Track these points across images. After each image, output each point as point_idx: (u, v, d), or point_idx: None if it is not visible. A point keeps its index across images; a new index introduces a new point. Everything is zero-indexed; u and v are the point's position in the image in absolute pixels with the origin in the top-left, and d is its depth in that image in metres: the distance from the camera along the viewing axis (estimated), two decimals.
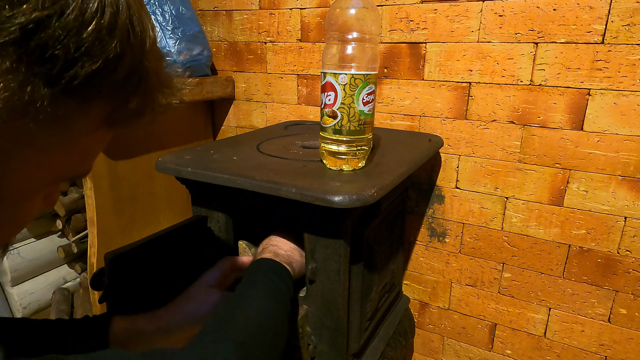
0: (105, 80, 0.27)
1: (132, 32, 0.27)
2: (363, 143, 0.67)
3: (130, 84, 0.29)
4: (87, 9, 0.24)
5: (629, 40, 0.79)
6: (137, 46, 0.28)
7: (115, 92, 0.29)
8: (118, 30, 0.26)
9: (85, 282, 1.53)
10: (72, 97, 0.26)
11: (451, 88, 0.98)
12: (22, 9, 0.22)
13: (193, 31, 1.14)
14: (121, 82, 0.28)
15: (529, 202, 0.95)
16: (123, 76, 0.28)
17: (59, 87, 0.25)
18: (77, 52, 0.24)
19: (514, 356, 1.06)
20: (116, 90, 0.29)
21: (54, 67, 0.24)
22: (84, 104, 0.27)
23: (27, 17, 0.22)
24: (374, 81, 0.65)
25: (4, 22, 0.22)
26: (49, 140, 0.28)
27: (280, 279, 0.60)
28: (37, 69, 0.24)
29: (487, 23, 0.91)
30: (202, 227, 0.74)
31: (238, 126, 1.34)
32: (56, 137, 0.28)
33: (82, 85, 0.26)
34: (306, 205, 0.60)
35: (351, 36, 0.62)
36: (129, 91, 0.30)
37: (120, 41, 0.26)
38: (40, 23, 0.23)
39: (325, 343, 0.73)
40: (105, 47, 0.26)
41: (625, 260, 0.88)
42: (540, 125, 0.90)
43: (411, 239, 1.11)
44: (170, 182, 1.16)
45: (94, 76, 0.26)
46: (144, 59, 0.29)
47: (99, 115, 0.30)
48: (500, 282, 1.03)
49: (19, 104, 0.24)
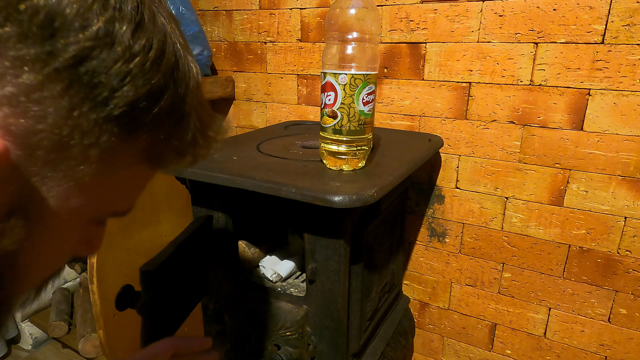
0: (147, 111, 0.28)
1: (176, 70, 0.29)
2: (363, 143, 0.67)
3: (172, 120, 0.30)
4: (136, 44, 0.26)
5: (629, 40, 0.79)
6: (181, 84, 0.29)
7: (157, 126, 0.29)
8: (163, 66, 0.28)
9: (85, 282, 1.53)
10: (116, 126, 0.27)
11: (451, 88, 0.98)
12: (78, 37, 0.24)
13: (193, 31, 1.14)
14: (164, 116, 0.29)
15: (529, 202, 0.95)
16: (165, 110, 0.29)
17: (104, 114, 0.26)
18: (122, 81, 0.26)
19: (514, 356, 1.06)
20: (158, 124, 0.29)
21: (100, 93, 0.25)
22: (127, 134, 0.28)
23: (81, 46, 0.24)
24: (374, 81, 0.65)
25: (61, 49, 0.24)
26: (90, 171, 0.28)
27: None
28: (85, 95, 0.25)
29: (487, 23, 0.91)
30: (209, 227, 0.74)
31: (238, 126, 1.34)
32: (97, 167, 0.28)
33: (125, 114, 0.27)
34: (306, 205, 0.60)
35: (351, 36, 0.62)
36: (171, 127, 0.30)
37: (164, 76, 0.28)
38: (92, 52, 0.25)
39: (325, 343, 0.73)
40: (150, 79, 0.27)
41: (625, 260, 0.88)
42: (540, 125, 0.90)
43: (411, 239, 1.11)
44: (170, 182, 1.16)
45: (137, 106, 0.27)
46: (187, 97, 0.30)
47: (141, 149, 0.30)
48: (500, 282, 1.03)
49: (66, 128, 0.25)
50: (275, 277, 0.80)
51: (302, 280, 0.81)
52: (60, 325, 1.39)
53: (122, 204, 0.34)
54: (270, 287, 0.79)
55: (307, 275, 0.70)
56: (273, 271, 0.80)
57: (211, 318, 0.85)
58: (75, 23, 0.24)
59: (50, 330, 1.39)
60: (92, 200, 0.30)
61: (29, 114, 0.24)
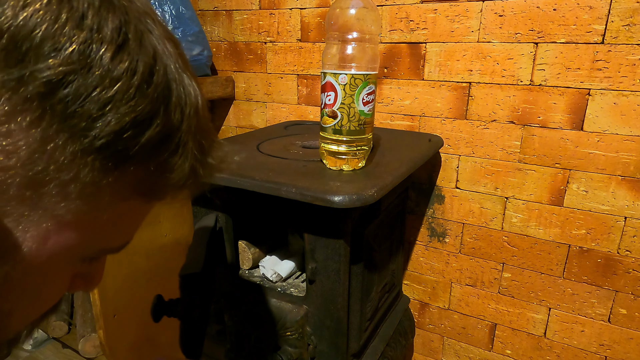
0: (134, 142, 0.25)
1: (168, 95, 0.26)
2: (363, 143, 0.67)
3: (164, 150, 0.27)
4: (117, 68, 0.23)
5: (629, 40, 0.79)
6: (174, 110, 0.26)
7: (147, 157, 0.26)
8: (151, 91, 0.25)
9: None
10: (98, 159, 0.24)
11: (451, 88, 0.98)
12: (48, 63, 0.22)
13: (193, 31, 1.14)
14: (154, 146, 0.26)
15: (529, 202, 0.95)
16: (156, 140, 0.26)
17: (83, 146, 0.23)
18: (103, 109, 0.23)
19: (514, 356, 1.06)
20: (148, 156, 0.26)
21: (77, 124, 0.23)
22: (111, 167, 0.25)
23: (53, 72, 0.22)
24: (374, 81, 0.65)
25: (31, 76, 0.21)
26: (72, 208, 0.25)
27: None
28: (59, 126, 0.23)
29: (487, 23, 0.91)
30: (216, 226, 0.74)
31: (238, 126, 1.34)
32: (80, 204, 0.25)
33: (108, 145, 0.24)
34: (306, 205, 0.60)
35: (351, 36, 0.62)
36: (164, 158, 0.27)
37: (152, 102, 0.25)
38: (65, 78, 0.22)
39: (325, 343, 0.73)
40: (135, 107, 0.24)
41: (625, 260, 0.88)
42: (540, 125, 0.90)
43: (411, 239, 1.11)
44: None
45: (121, 137, 0.24)
46: (182, 125, 0.27)
47: (130, 183, 0.27)
48: (500, 282, 1.03)
49: (39, 163, 0.23)
50: (275, 277, 0.80)
51: (302, 280, 0.81)
52: (60, 325, 1.39)
53: (116, 241, 0.31)
54: (270, 287, 0.79)
55: (307, 275, 0.70)
56: (273, 271, 0.80)
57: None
58: (45, 46, 0.21)
59: (50, 330, 1.39)
60: (78, 239, 0.27)
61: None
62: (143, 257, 1.17)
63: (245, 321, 0.77)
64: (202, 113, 0.29)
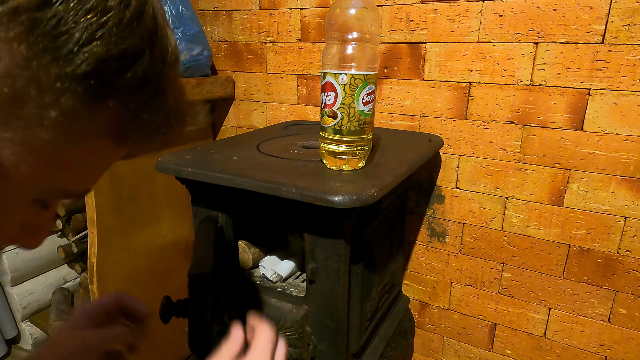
0: (118, 75, 0.25)
1: (154, 37, 0.26)
2: (363, 143, 0.67)
3: (145, 93, 0.27)
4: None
5: (629, 40, 0.79)
6: (158, 54, 0.27)
7: (128, 95, 0.26)
8: (141, 28, 0.25)
9: (85, 282, 1.53)
10: (81, 86, 0.24)
11: (451, 88, 0.98)
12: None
13: (193, 31, 1.14)
14: (136, 85, 0.26)
15: (529, 202, 0.95)
16: (139, 79, 0.26)
17: (68, 70, 0.23)
18: (93, 35, 0.23)
19: (514, 356, 1.06)
20: (129, 94, 0.26)
21: (65, 45, 0.22)
22: (92, 99, 0.25)
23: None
24: (374, 81, 0.65)
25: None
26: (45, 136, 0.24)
27: None
28: (46, 44, 0.22)
29: (487, 23, 0.91)
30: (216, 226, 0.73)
31: (238, 126, 1.34)
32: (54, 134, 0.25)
33: (93, 74, 0.24)
34: (306, 205, 0.60)
35: (351, 36, 0.62)
36: (143, 101, 0.27)
37: (141, 38, 0.25)
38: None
39: (325, 343, 0.73)
40: (124, 38, 0.24)
41: (625, 260, 0.88)
42: (540, 125, 0.90)
43: (411, 239, 1.11)
44: (170, 182, 1.16)
45: (106, 67, 0.24)
46: (163, 71, 0.27)
47: (107, 119, 0.27)
48: (500, 282, 1.03)
49: (20, 79, 0.22)
50: (275, 277, 0.80)
51: (302, 280, 0.81)
52: (60, 325, 1.39)
53: (78, 184, 0.30)
54: (270, 287, 0.79)
55: (307, 275, 0.70)
56: (273, 271, 0.80)
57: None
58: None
59: (50, 330, 1.39)
60: (43, 171, 0.26)
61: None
62: (143, 257, 1.17)
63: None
64: (178, 65, 0.30)
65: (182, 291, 0.62)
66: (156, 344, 1.25)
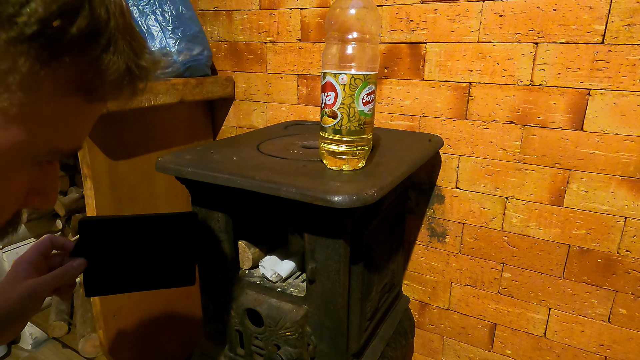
0: (64, 32, 0.26)
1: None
2: (363, 143, 0.67)
3: (96, 44, 0.28)
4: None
5: (629, 40, 0.79)
6: (100, 6, 0.28)
7: (80, 49, 0.27)
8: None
9: None
10: (32, 47, 0.25)
11: (451, 88, 0.98)
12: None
13: (193, 31, 1.14)
14: (85, 38, 0.27)
15: (529, 202, 0.95)
16: (86, 32, 0.27)
17: (14, 33, 0.24)
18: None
19: (514, 356, 1.06)
20: (80, 49, 0.27)
21: (4, 10, 0.24)
22: (47, 58, 0.26)
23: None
24: (374, 81, 0.65)
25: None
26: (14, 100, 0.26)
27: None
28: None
29: (487, 23, 0.91)
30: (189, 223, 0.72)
31: (238, 126, 1.34)
32: (22, 96, 0.26)
33: (39, 34, 0.25)
34: (306, 205, 0.60)
35: (351, 36, 0.62)
36: (97, 52, 0.29)
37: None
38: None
39: (325, 343, 0.73)
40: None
41: (625, 260, 0.88)
42: (540, 125, 0.90)
43: (411, 239, 1.11)
44: (170, 182, 1.16)
45: (49, 25, 0.25)
46: (110, 21, 0.29)
47: (67, 77, 0.28)
48: (500, 282, 1.03)
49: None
50: (275, 277, 0.80)
51: (302, 280, 0.81)
52: (60, 325, 1.39)
53: (63, 141, 0.32)
54: (270, 287, 0.79)
55: (307, 275, 0.70)
56: (273, 271, 0.80)
57: (211, 318, 0.85)
58: None
59: (50, 330, 1.39)
60: (25, 134, 0.28)
61: None
62: None
63: (245, 321, 0.77)
64: (127, 15, 0.31)
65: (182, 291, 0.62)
66: (156, 344, 1.25)
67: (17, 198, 0.32)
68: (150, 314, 1.22)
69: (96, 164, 1.01)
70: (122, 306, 1.13)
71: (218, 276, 0.81)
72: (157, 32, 1.08)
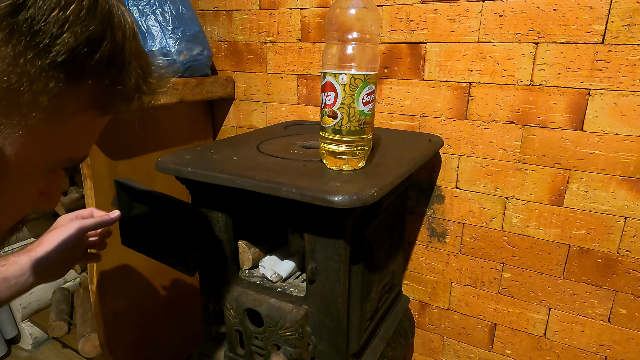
0: (89, 59, 0.29)
1: (111, 18, 0.30)
2: (363, 143, 0.67)
3: (114, 67, 0.32)
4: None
5: (629, 41, 0.79)
6: (118, 32, 0.31)
7: (100, 73, 0.31)
8: (98, 14, 0.29)
9: (85, 282, 1.53)
10: (62, 72, 0.28)
11: (451, 88, 0.98)
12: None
13: (193, 31, 1.14)
14: (106, 62, 0.31)
15: (529, 202, 0.95)
16: (107, 57, 0.30)
17: (48, 60, 0.27)
18: (62, 28, 0.27)
19: (514, 356, 1.06)
20: (101, 71, 0.31)
21: (42, 41, 0.27)
22: (73, 80, 0.29)
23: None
24: (374, 81, 0.65)
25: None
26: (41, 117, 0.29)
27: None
28: (27, 43, 0.26)
29: (487, 23, 0.91)
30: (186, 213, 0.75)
31: (238, 126, 1.34)
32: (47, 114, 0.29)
33: (69, 60, 0.28)
34: (306, 205, 0.60)
35: (351, 36, 0.62)
36: (114, 74, 0.32)
37: (101, 23, 0.29)
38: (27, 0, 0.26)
39: (325, 343, 0.73)
40: (88, 26, 0.28)
41: (625, 260, 0.88)
42: (540, 125, 0.90)
43: (411, 239, 1.11)
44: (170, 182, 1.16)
45: (78, 53, 0.28)
46: (125, 45, 0.32)
47: (88, 96, 0.32)
48: (500, 282, 1.03)
49: (13, 75, 0.27)
50: (275, 277, 0.80)
51: (302, 280, 0.81)
52: (60, 325, 1.39)
53: (77, 151, 0.35)
54: (270, 287, 0.79)
55: (307, 275, 0.70)
56: (273, 271, 0.80)
57: (211, 318, 0.85)
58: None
59: (50, 330, 1.39)
60: (46, 146, 0.32)
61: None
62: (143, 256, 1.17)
63: (245, 321, 0.77)
64: (137, 37, 0.35)
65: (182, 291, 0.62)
66: (156, 344, 1.25)
67: (31, 200, 0.35)
68: (150, 314, 1.22)
69: (96, 164, 1.01)
70: (122, 306, 1.13)
71: (218, 276, 0.81)
72: (157, 32, 1.08)
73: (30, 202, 0.36)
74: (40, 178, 0.35)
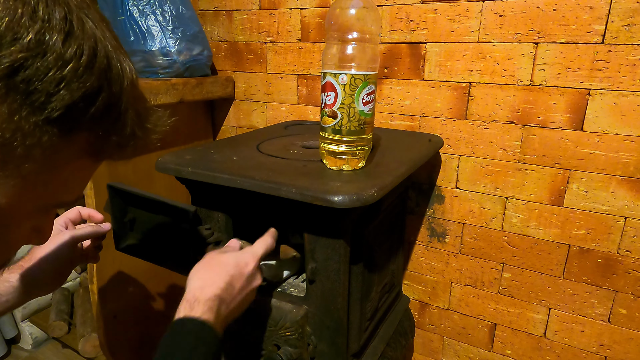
0: (84, 112, 0.30)
1: (109, 72, 0.31)
2: (363, 143, 0.67)
3: (109, 118, 0.32)
4: (67, 52, 0.28)
5: (629, 41, 0.79)
6: (115, 84, 0.31)
7: (95, 124, 0.31)
8: (96, 70, 0.30)
9: (85, 282, 1.53)
10: (55, 127, 0.29)
11: (451, 88, 0.98)
12: (10, 50, 0.26)
13: (193, 31, 1.14)
14: (100, 115, 0.31)
15: (529, 202, 0.95)
16: (102, 110, 0.31)
17: (43, 117, 0.28)
18: (58, 86, 0.28)
19: (514, 356, 1.06)
20: (96, 123, 0.31)
21: (37, 99, 0.27)
22: (66, 133, 0.30)
23: (15, 57, 0.26)
24: (374, 81, 0.65)
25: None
26: (34, 168, 0.30)
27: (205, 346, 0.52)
28: (23, 101, 0.27)
29: (487, 23, 0.91)
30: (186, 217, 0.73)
31: (238, 126, 1.34)
32: (41, 165, 0.30)
33: (64, 116, 0.28)
34: (306, 205, 0.60)
35: (351, 36, 0.62)
36: (109, 124, 0.33)
37: (98, 78, 0.30)
38: (25, 62, 0.26)
39: (325, 343, 0.73)
40: (84, 82, 0.29)
41: (625, 260, 0.88)
42: (540, 125, 0.90)
43: (411, 239, 1.11)
44: (170, 182, 1.15)
45: (74, 108, 0.29)
46: (122, 96, 0.32)
47: (82, 145, 0.32)
48: (500, 282, 1.03)
49: (7, 131, 0.27)
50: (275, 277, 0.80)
51: (302, 280, 0.81)
52: (60, 325, 1.39)
53: (69, 195, 0.36)
54: (270, 287, 0.79)
55: (307, 275, 0.70)
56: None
57: None
58: (7, 36, 0.26)
59: (50, 330, 1.39)
60: (39, 193, 0.32)
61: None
62: None
63: (245, 321, 0.77)
64: (136, 84, 0.35)
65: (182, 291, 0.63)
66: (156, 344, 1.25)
67: (22, 237, 0.37)
68: (150, 314, 1.21)
69: None
70: (122, 306, 1.13)
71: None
72: (157, 32, 1.08)
73: (21, 240, 0.37)
74: (33, 218, 0.36)
